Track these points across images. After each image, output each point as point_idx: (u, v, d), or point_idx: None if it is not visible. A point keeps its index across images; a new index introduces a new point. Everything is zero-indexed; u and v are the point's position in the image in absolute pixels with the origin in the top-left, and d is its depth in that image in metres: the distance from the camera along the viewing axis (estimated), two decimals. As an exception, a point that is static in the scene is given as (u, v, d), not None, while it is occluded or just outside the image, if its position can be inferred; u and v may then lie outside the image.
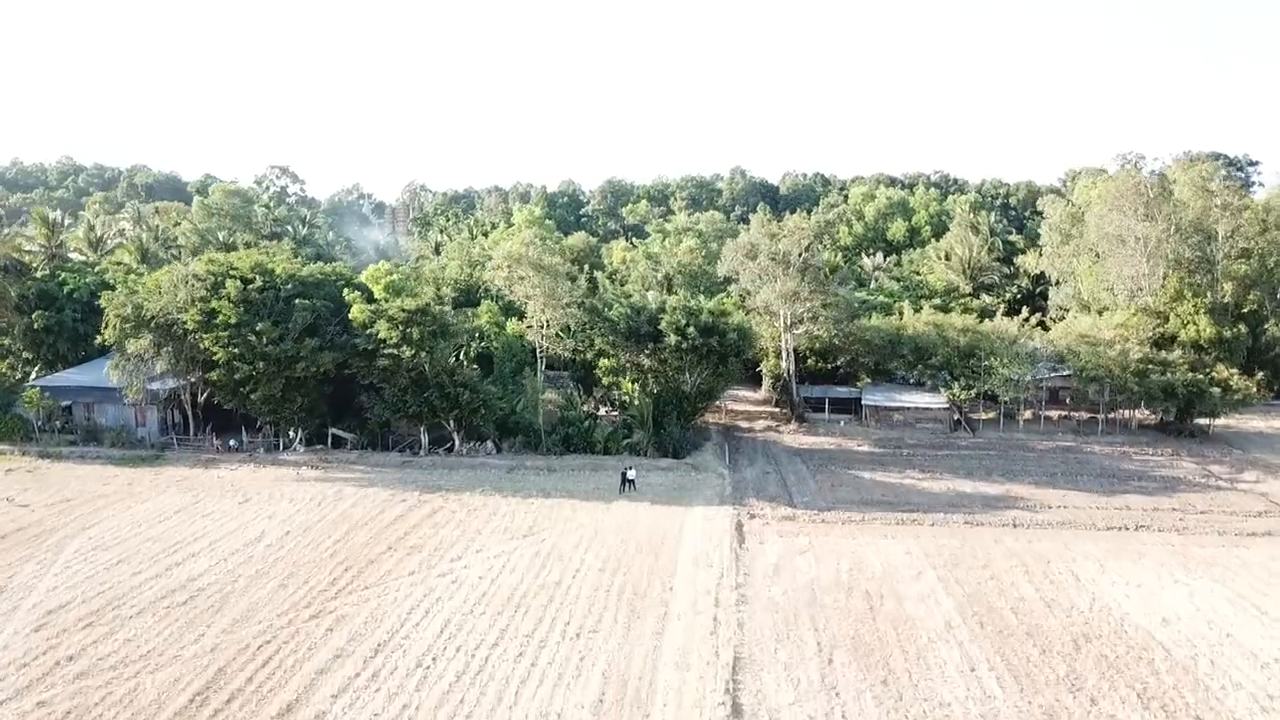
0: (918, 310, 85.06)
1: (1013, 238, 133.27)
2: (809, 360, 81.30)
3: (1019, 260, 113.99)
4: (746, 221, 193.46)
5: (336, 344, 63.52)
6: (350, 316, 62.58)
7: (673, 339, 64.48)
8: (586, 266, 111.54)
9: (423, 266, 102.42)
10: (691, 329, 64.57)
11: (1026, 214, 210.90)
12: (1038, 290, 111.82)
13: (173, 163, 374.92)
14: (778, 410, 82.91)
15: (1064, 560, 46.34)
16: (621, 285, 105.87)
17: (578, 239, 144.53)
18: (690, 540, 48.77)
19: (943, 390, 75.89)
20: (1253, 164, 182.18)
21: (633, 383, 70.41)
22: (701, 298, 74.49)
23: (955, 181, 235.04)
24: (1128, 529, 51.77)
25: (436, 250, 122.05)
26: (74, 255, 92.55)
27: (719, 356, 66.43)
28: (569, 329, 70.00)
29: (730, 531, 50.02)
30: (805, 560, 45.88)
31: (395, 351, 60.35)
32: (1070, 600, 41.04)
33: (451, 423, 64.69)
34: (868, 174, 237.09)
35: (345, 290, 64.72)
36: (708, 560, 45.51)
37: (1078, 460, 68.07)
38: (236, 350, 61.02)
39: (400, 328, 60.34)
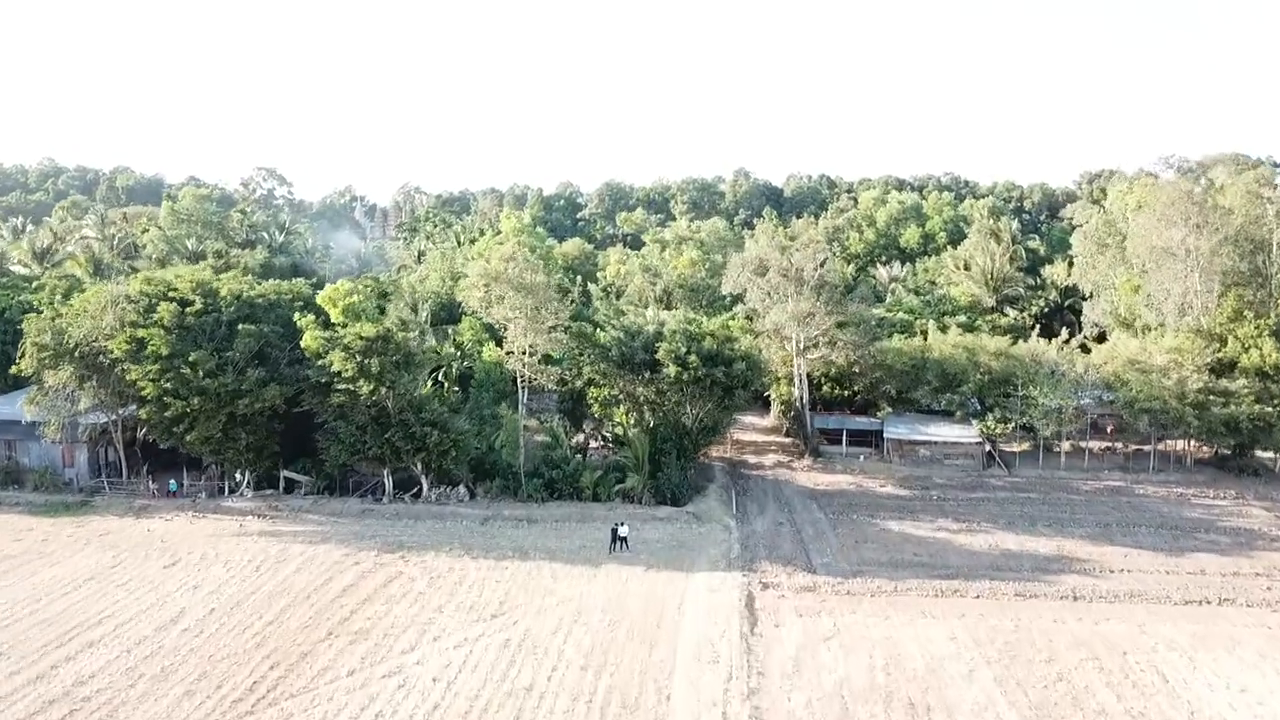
0: (943, 330, 76.94)
1: (1034, 244, 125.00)
2: (823, 387, 73.19)
3: (1047, 272, 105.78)
4: (751, 226, 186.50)
5: (286, 376, 55.55)
6: (302, 345, 54.55)
7: (672, 370, 56.45)
8: (579, 278, 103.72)
9: (403, 278, 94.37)
10: (693, 358, 56.52)
11: (1042, 218, 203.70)
12: (1066, 303, 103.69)
13: (160, 165, 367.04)
14: (789, 442, 74.80)
15: (1143, 650, 38.26)
16: (617, 298, 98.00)
17: (572, 246, 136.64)
18: (692, 621, 40.71)
19: (974, 422, 67.85)
20: (1277, 165, 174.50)
21: (627, 414, 62.42)
22: (704, 318, 66.38)
23: (967, 184, 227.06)
24: (1210, 603, 43.67)
25: (420, 259, 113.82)
26: (16, 268, 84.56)
27: (725, 388, 58.39)
28: (550, 357, 61.93)
29: (739, 609, 41.93)
30: (831, 651, 37.81)
31: (351, 386, 52.32)
32: (1163, 716, 32.95)
33: (419, 465, 56.67)
34: (875, 176, 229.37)
35: (298, 314, 56.64)
36: (713, 652, 37.43)
37: (1131, 505, 59.97)
38: (168, 384, 52.99)
39: (357, 358, 52.31)
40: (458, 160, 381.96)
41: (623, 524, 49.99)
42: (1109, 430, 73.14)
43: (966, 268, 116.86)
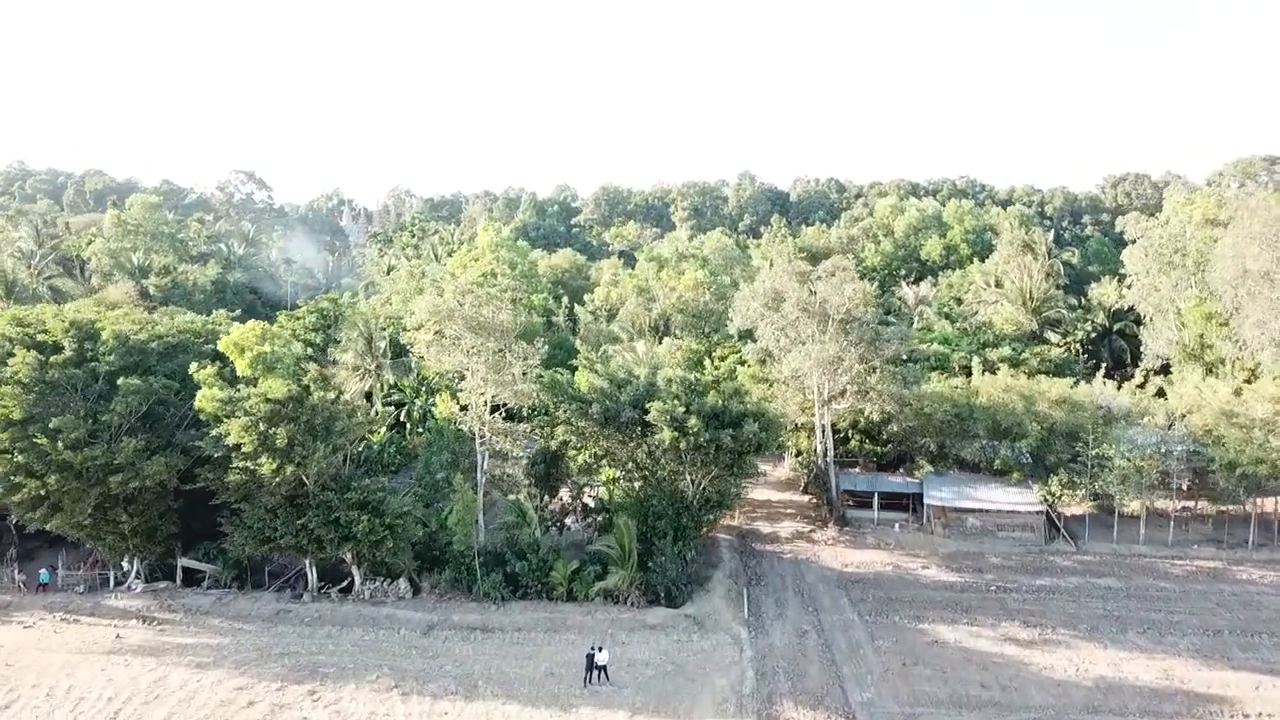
0: (988, 366, 65.22)
1: (1069, 257, 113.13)
2: (850, 439, 61.32)
3: (1094, 292, 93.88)
4: (757, 235, 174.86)
5: (181, 443, 43.97)
6: (197, 406, 42.90)
7: (667, 435, 44.80)
8: (565, 299, 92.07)
9: (359, 301, 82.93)
10: (693, 420, 44.83)
11: (1064, 224, 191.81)
12: (1116, 327, 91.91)
13: (136, 168, 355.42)
14: (807, 501, 62.95)
15: None
16: (609, 321, 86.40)
17: (563, 258, 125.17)
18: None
19: (1033, 485, 56.26)
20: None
21: (613, 482, 50.79)
22: (706, 354, 54.72)
23: (984, 188, 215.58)
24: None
25: (390, 273, 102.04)
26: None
27: (733, 454, 46.73)
28: (513, 413, 50.35)
29: (758, 797, 30.23)
30: None
31: (250, 464, 40.67)
32: None
33: (349, 555, 45.06)
34: (886, 180, 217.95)
35: (196, 364, 44.89)
36: None
37: (1240, 600, 48.17)
38: (20, 458, 41.33)
39: (260, 427, 40.63)
40: (451, 161, 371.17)
41: (601, 648, 38.28)
42: (1183, 486, 61.42)
43: (999, 285, 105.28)
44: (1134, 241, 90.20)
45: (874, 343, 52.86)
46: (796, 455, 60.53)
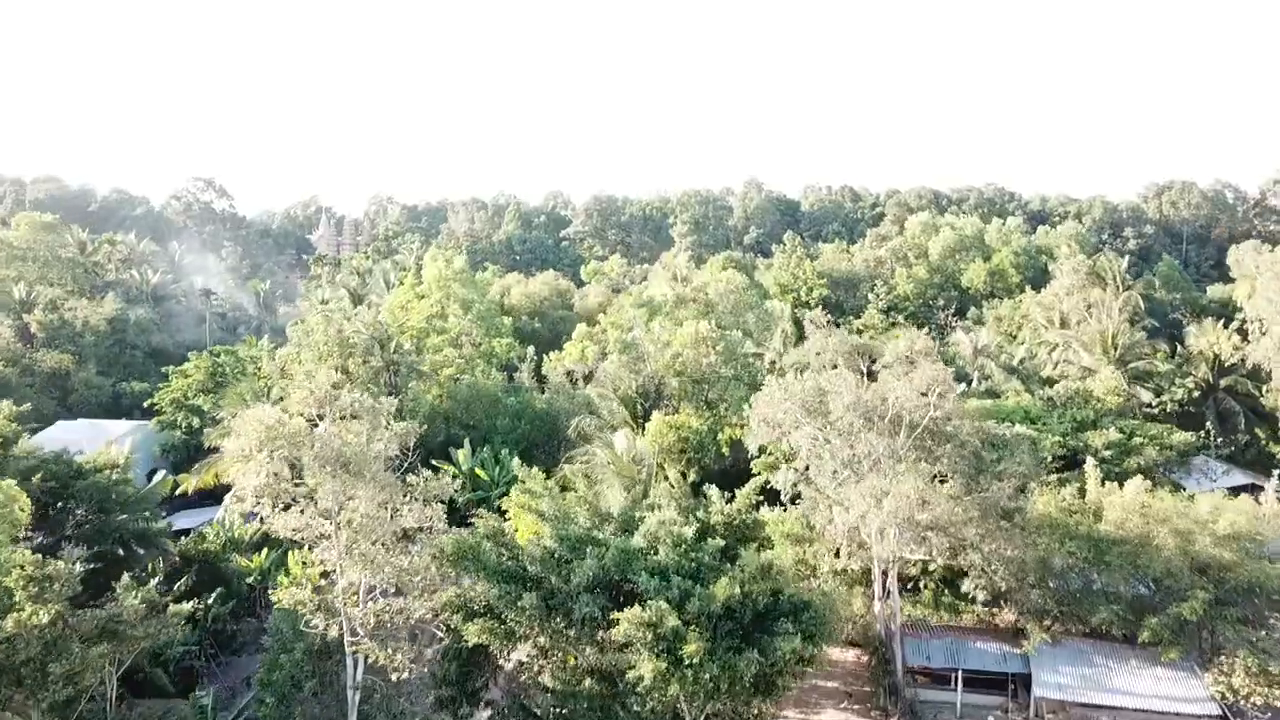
0: (1106, 466, 46.70)
1: (1149, 288, 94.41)
2: (920, 586, 42.42)
3: (1195, 341, 75.27)
4: (766, 252, 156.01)
5: None
6: None
7: (647, 670, 26.42)
8: (531, 351, 73.42)
9: (264, 354, 64.79)
10: (692, 637, 26.38)
11: (1103, 239, 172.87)
12: (1223, 383, 73.30)
13: (95, 176, 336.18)
14: (856, 661, 44.19)
15: None
16: (585, 381, 67.97)
17: (542, 284, 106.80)
18: None
19: (1200, 671, 37.86)
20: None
21: (568, 692, 32.23)
22: (714, 502, 36.21)
23: (1012, 196, 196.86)
24: None
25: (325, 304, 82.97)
26: None
27: (760, 678, 28.31)
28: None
29: None
30: None
31: None
32: None
33: None
34: (905, 187, 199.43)
35: None
36: None
37: None
38: None
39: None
40: (439, 166, 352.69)
41: None
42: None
43: (1063, 324, 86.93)
44: (1249, 275, 71.72)
45: (975, 476, 34.19)
46: (859, 639, 41.35)
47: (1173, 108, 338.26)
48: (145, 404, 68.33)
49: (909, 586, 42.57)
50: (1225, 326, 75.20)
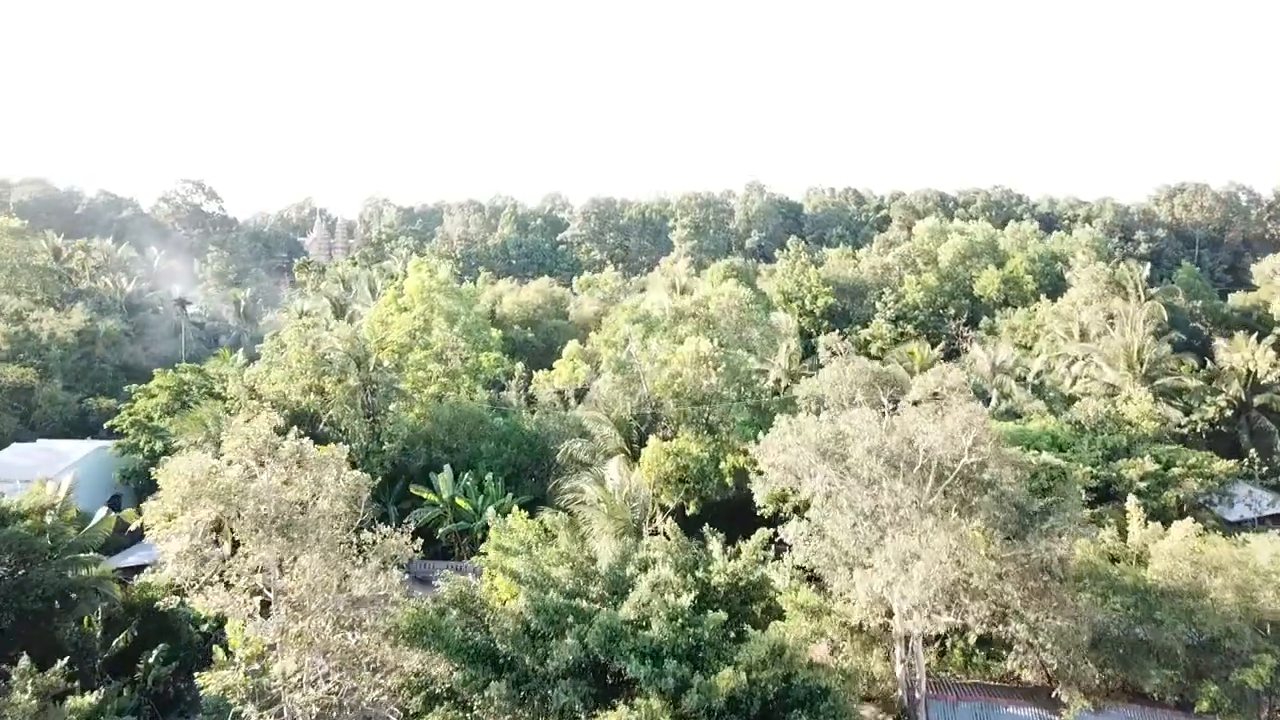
0: (1150, 509, 42.31)
1: (1172, 297, 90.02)
2: (949, 645, 38.06)
3: (1226, 356, 70.87)
4: (768, 257, 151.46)
5: None
6: None
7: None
8: (520, 367, 69.18)
9: (230, 370, 60.57)
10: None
11: (1116, 242, 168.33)
12: (1257, 401, 68.96)
13: (81, 177, 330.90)
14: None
15: None
16: (576, 401, 63.69)
17: (535, 293, 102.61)
18: None
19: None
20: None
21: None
22: (716, 556, 32.04)
23: (1020, 199, 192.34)
24: None
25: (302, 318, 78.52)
26: None
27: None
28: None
29: None
30: None
31: None
32: None
33: None
34: (910, 189, 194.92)
35: None
36: None
37: None
38: None
39: None
40: (437, 167, 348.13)
41: None
42: None
43: (1083, 336, 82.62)
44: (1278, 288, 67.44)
45: (1021, 534, 29.59)
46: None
47: (1185, 108, 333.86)
48: (106, 424, 64.17)
49: (935, 639, 38.18)
50: (1259, 340, 70.83)
